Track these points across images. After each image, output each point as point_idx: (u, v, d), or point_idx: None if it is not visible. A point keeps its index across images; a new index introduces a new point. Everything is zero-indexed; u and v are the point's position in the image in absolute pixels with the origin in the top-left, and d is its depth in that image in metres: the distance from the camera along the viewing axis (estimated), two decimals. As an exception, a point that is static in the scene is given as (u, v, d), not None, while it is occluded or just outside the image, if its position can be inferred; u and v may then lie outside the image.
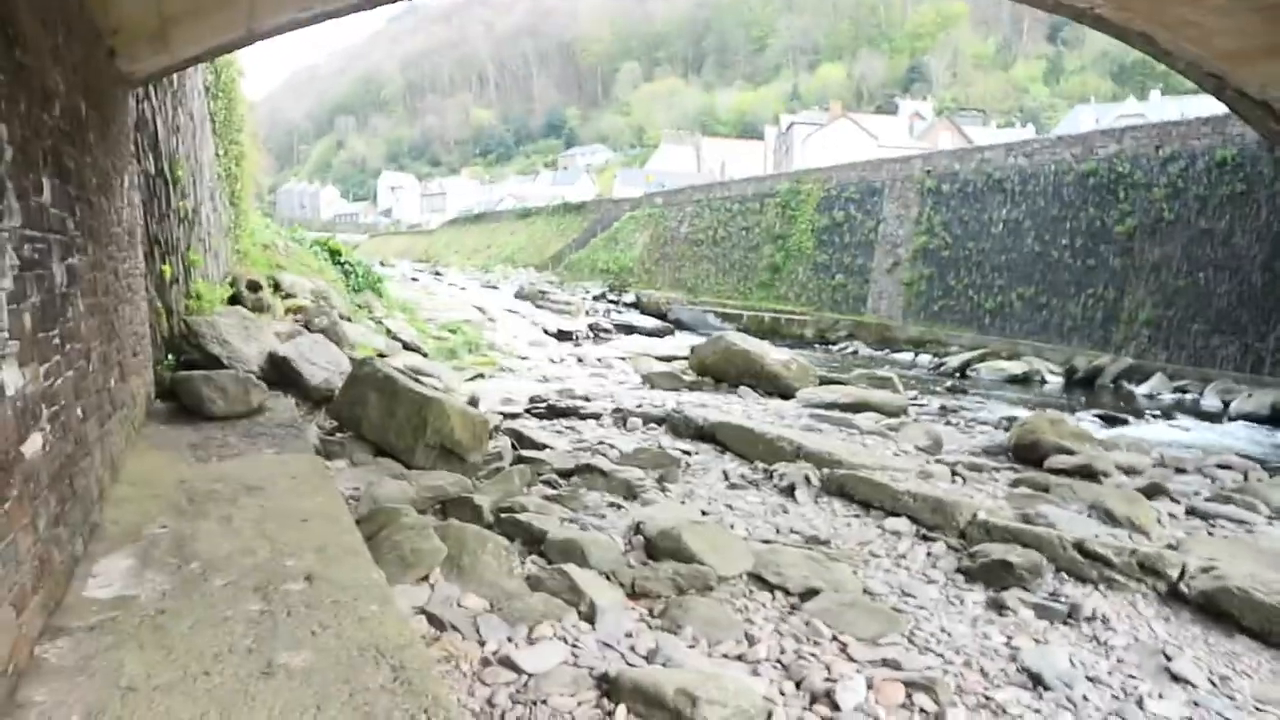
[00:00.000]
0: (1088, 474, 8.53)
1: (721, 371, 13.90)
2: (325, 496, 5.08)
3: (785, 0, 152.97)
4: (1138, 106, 78.11)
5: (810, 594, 5.28)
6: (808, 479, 7.69)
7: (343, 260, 17.35)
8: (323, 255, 17.07)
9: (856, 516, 7.02)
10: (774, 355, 13.78)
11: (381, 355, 12.94)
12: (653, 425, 10.14)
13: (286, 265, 14.90)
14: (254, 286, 12.01)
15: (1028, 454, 9.37)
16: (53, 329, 3.65)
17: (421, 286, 28.44)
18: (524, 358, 16.31)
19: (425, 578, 4.88)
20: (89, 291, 4.68)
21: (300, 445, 6.52)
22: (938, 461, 8.88)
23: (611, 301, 36.51)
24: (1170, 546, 6.24)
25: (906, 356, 25.14)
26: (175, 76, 9.46)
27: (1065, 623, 5.06)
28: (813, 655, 4.52)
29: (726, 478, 8.11)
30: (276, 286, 13.39)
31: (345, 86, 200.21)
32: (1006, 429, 11.90)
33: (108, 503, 4.69)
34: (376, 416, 7.45)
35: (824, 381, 13.97)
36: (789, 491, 7.63)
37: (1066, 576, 5.65)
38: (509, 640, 4.22)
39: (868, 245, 30.14)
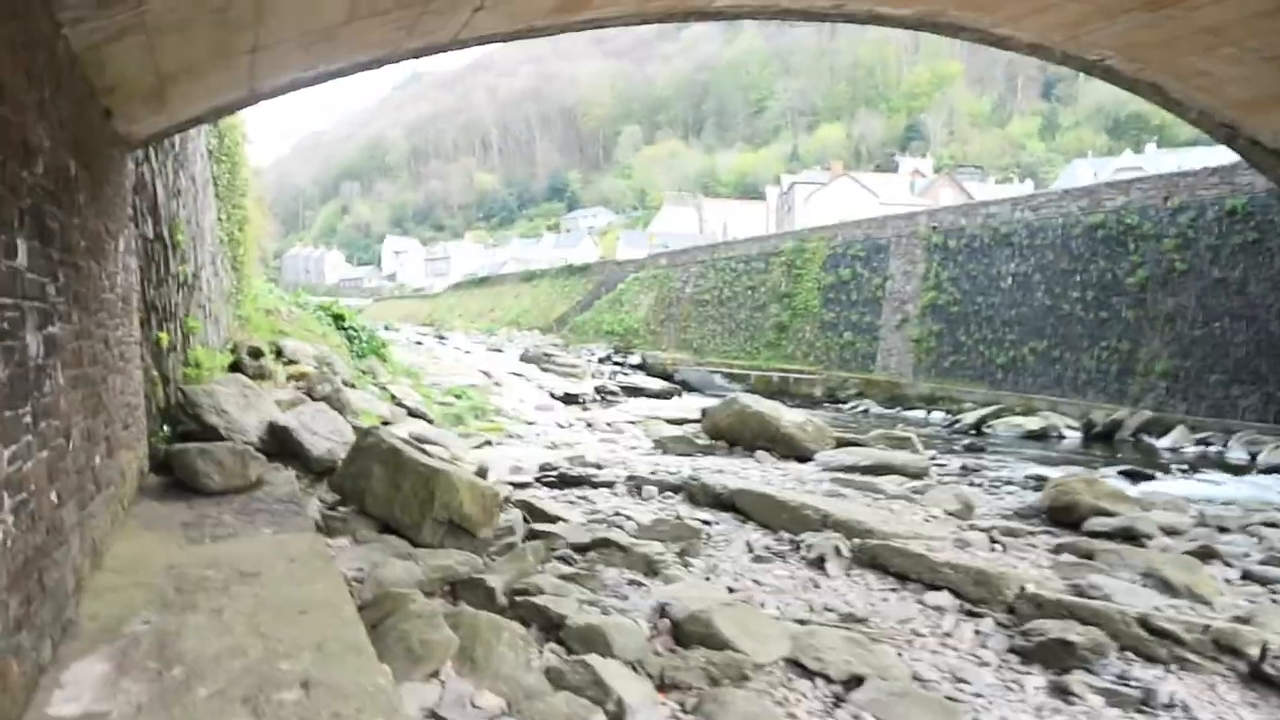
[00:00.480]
0: (1129, 537, 8.09)
1: (735, 434, 13.49)
2: (326, 582, 4.66)
3: (782, 63, 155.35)
4: (1134, 159, 78.75)
5: (854, 681, 4.83)
6: (838, 550, 7.25)
7: (347, 325, 17.07)
8: (326, 320, 16.79)
9: (893, 590, 6.56)
10: (789, 417, 13.38)
11: (386, 422, 12.56)
12: (669, 494, 9.71)
13: (289, 331, 14.60)
14: (255, 353, 11.68)
15: (1063, 516, 8.92)
16: (23, 406, 3.29)
17: (426, 350, 28.16)
18: (531, 423, 15.91)
19: (435, 673, 4.44)
20: (72, 362, 4.32)
21: (300, 523, 6.11)
22: (971, 527, 8.42)
23: (617, 363, 36.22)
24: (1239, 619, 5.76)
25: (919, 414, 24.72)
26: (177, 139, 9.24)
27: (1140, 710, 4.59)
28: (867, 757, 4.06)
29: (750, 549, 7.67)
30: (279, 353, 13.07)
31: (351, 152, 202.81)
32: (1035, 489, 11.47)
33: (86, 594, 4.28)
34: (381, 490, 7.04)
35: (841, 443, 13.54)
36: (818, 564, 7.19)
37: (1133, 656, 5.19)
38: (530, 750, 3.77)
39: (875, 302, 29.90)
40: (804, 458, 12.83)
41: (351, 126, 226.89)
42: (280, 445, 8.67)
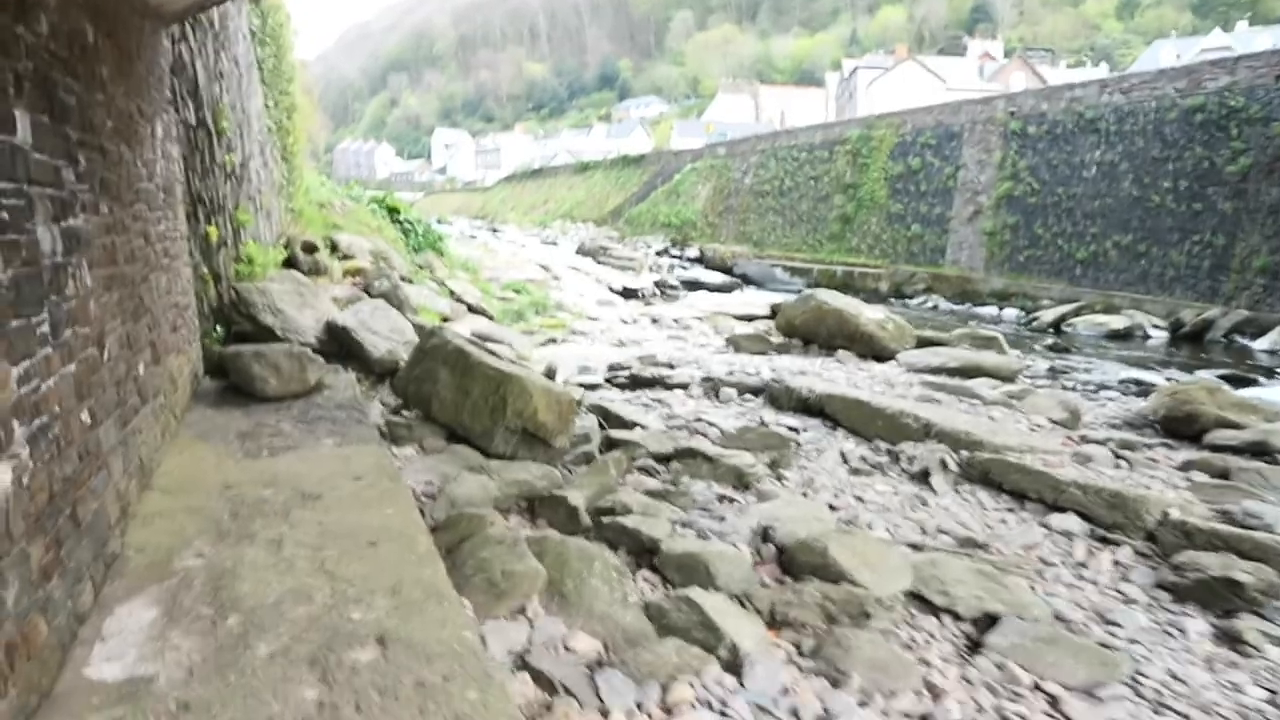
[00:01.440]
0: (1260, 452, 7.32)
1: (811, 332, 12.78)
2: (396, 506, 4.15)
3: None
4: (1223, 39, 73.75)
5: (987, 620, 4.26)
6: (944, 463, 6.61)
7: (402, 218, 16.46)
8: (381, 213, 16.18)
9: (1010, 511, 5.93)
10: (868, 314, 12.60)
11: (446, 319, 12.08)
12: (749, 396, 9.10)
13: (343, 225, 14.05)
14: (310, 248, 11.16)
15: (1181, 427, 8.15)
16: (36, 313, 2.73)
17: (481, 244, 27.58)
18: (594, 319, 15.32)
19: (521, 609, 3.95)
20: (104, 260, 3.76)
21: (364, 433, 5.61)
22: (1084, 439, 7.71)
23: (674, 256, 35.38)
24: None
25: (990, 310, 23.75)
26: (216, 17, 8.54)
27: (1331, 665, 3.96)
28: (1019, 717, 3.50)
29: (845, 460, 7.06)
30: (334, 247, 12.56)
31: (398, 42, 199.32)
32: (1138, 394, 10.67)
33: (134, 521, 3.82)
34: (448, 395, 6.52)
35: (922, 342, 12.77)
36: (922, 478, 6.57)
37: (1310, 599, 4.52)
38: (639, 709, 3.25)
39: (946, 193, 28.49)
40: (882, 357, 12.11)
41: (397, 15, 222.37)
42: (339, 346, 8.19)
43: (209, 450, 5.06)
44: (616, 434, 7.13)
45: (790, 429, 7.87)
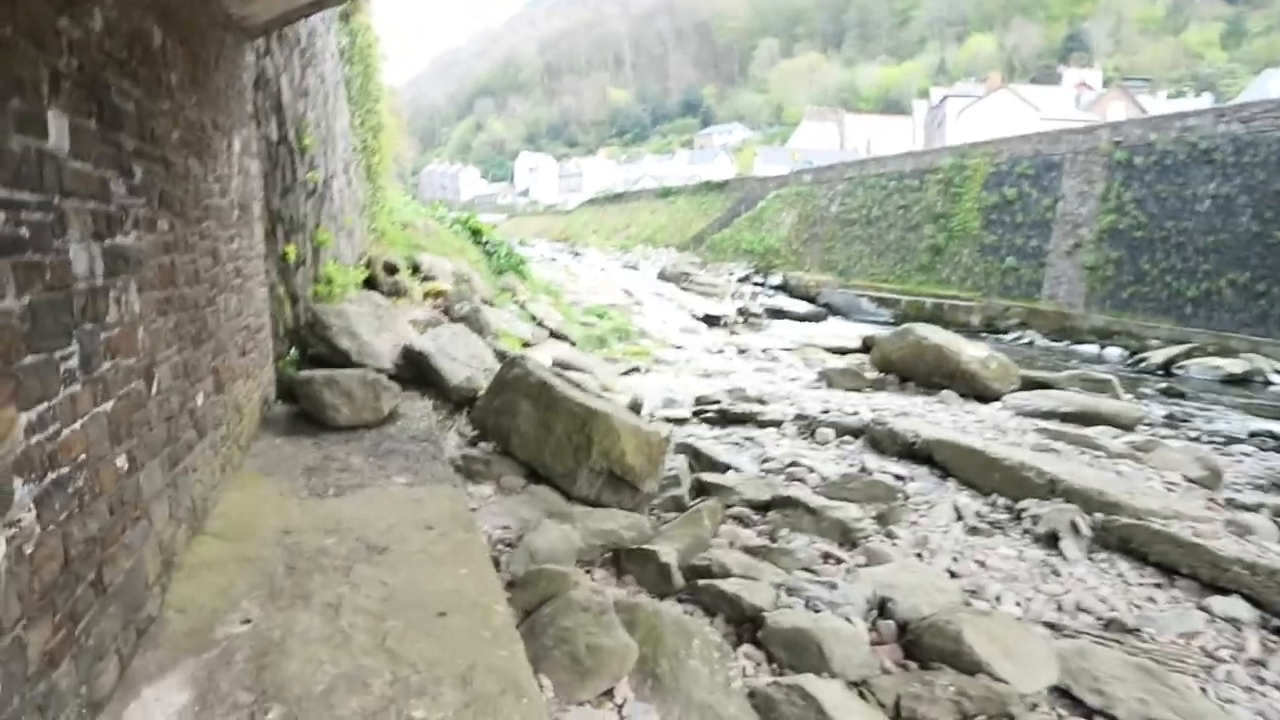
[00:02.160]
0: None
1: (909, 369, 12.06)
2: (470, 565, 3.66)
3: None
4: (1343, 70, 70.33)
5: (1153, 727, 3.58)
6: (1075, 526, 5.89)
7: (485, 240, 16.22)
8: (464, 235, 15.97)
9: (1158, 587, 5.20)
10: (970, 352, 11.84)
11: (527, 344, 11.70)
12: (848, 438, 8.47)
13: (426, 245, 13.83)
14: (391, 269, 10.90)
15: (1340, 490, 7.26)
16: (61, 346, 2.31)
17: (563, 267, 27.37)
18: (678, 347, 14.82)
19: (609, 692, 3.42)
20: (158, 282, 3.37)
21: (438, 470, 5.16)
22: (1230, 503, 6.88)
23: (757, 284, 34.76)
24: None
25: (1091, 349, 22.53)
26: (304, 33, 8.32)
27: None
28: None
29: (961, 517, 6.39)
30: (415, 268, 12.31)
31: (485, 69, 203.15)
32: (1277, 449, 9.71)
33: (179, 573, 3.40)
34: (529, 430, 6.06)
35: (1028, 383, 11.93)
36: (1050, 542, 5.86)
37: None
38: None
39: (1043, 225, 27.31)
40: (985, 397, 11.34)
41: (485, 43, 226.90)
42: (416, 371, 7.82)
43: (272, 487, 4.66)
44: (708, 478, 6.58)
45: (896, 477, 7.22)
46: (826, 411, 9.40)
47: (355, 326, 7.63)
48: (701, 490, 6.46)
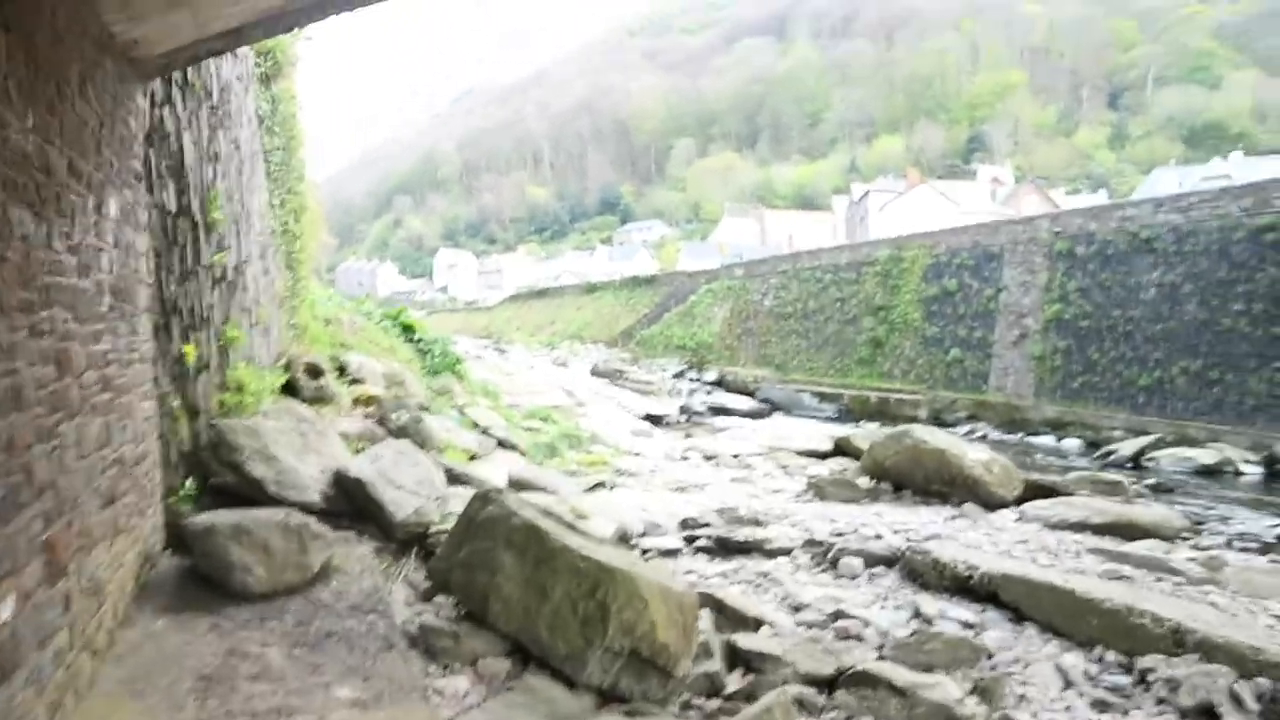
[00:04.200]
0: None
1: (905, 475, 10.75)
2: None
3: (839, 74, 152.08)
4: (1223, 167, 74.20)
5: None
6: (1235, 698, 4.49)
7: (418, 338, 14.60)
8: (395, 331, 14.34)
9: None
10: (973, 455, 10.63)
11: (474, 457, 10.07)
12: (878, 569, 7.00)
13: (353, 344, 12.17)
14: (314, 372, 9.23)
15: None
16: None
17: (493, 365, 25.70)
18: (636, 454, 13.30)
19: None
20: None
21: (398, 672, 3.54)
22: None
23: (693, 380, 33.61)
24: None
25: (1046, 441, 21.77)
26: (215, 89, 6.82)
27: None
28: None
29: (1068, 682, 4.94)
30: (342, 370, 10.64)
31: (404, 167, 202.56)
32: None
33: None
34: (514, 593, 4.45)
35: (1032, 488, 10.72)
36: (1203, 718, 4.45)
37: None
38: None
39: (987, 315, 26.86)
40: (989, 505, 10.09)
41: (406, 141, 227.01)
42: (350, 503, 6.15)
43: None
44: (743, 641, 5.03)
45: (964, 625, 5.77)
46: (840, 534, 7.95)
47: (273, 447, 5.96)
48: (737, 660, 4.90)
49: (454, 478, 7.67)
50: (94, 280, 3.58)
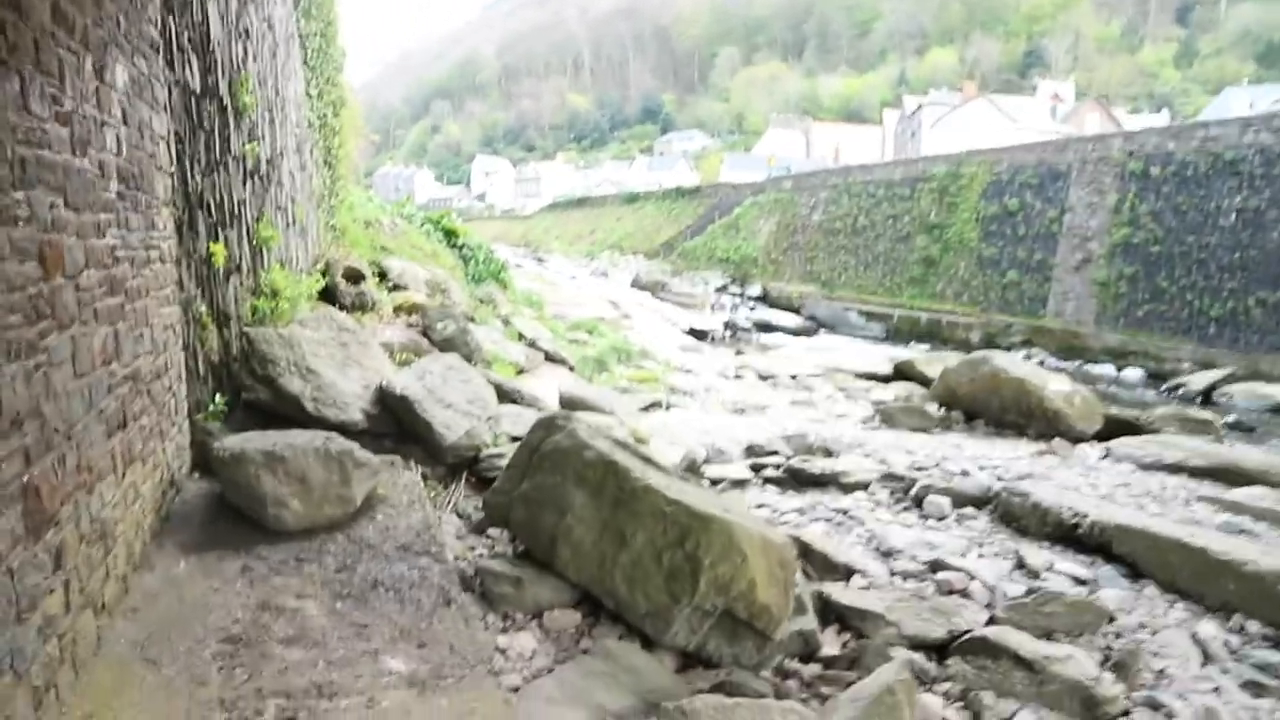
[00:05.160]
0: None
1: (980, 405, 10.06)
2: None
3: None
4: (1304, 87, 70.46)
5: None
6: None
7: (460, 243, 13.93)
8: (436, 236, 13.67)
9: None
10: (1054, 386, 9.88)
11: (521, 371, 9.51)
12: (967, 509, 6.37)
13: (394, 248, 11.56)
14: (354, 277, 8.63)
15: None
16: None
17: (534, 274, 25.07)
18: (687, 371, 12.67)
19: None
20: None
21: (462, 639, 2.98)
22: None
23: (735, 294, 32.81)
24: None
25: (1105, 370, 20.82)
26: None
27: None
28: None
29: (1208, 656, 4.32)
30: (382, 276, 10.05)
31: (442, 71, 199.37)
32: None
33: None
34: (586, 538, 3.87)
35: (1112, 423, 9.98)
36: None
37: None
38: None
39: (1049, 238, 25.65)
40: (1069, 440, 9.39)
41: (443, 45, 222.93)
42: (395, 424, 5.59)
43: (153, 702, 2.43)
44: (836, 594, 4.43)
45: (1076, 581, 5.14)
46: (920, 468, 7.31)
47: (310, 359, 5.38)
48: (830, 616, 4.32)
49: (503, 394, 7.09)
50: (94, 160, 2.93)
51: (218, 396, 4.95)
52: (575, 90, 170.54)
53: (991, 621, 4.40)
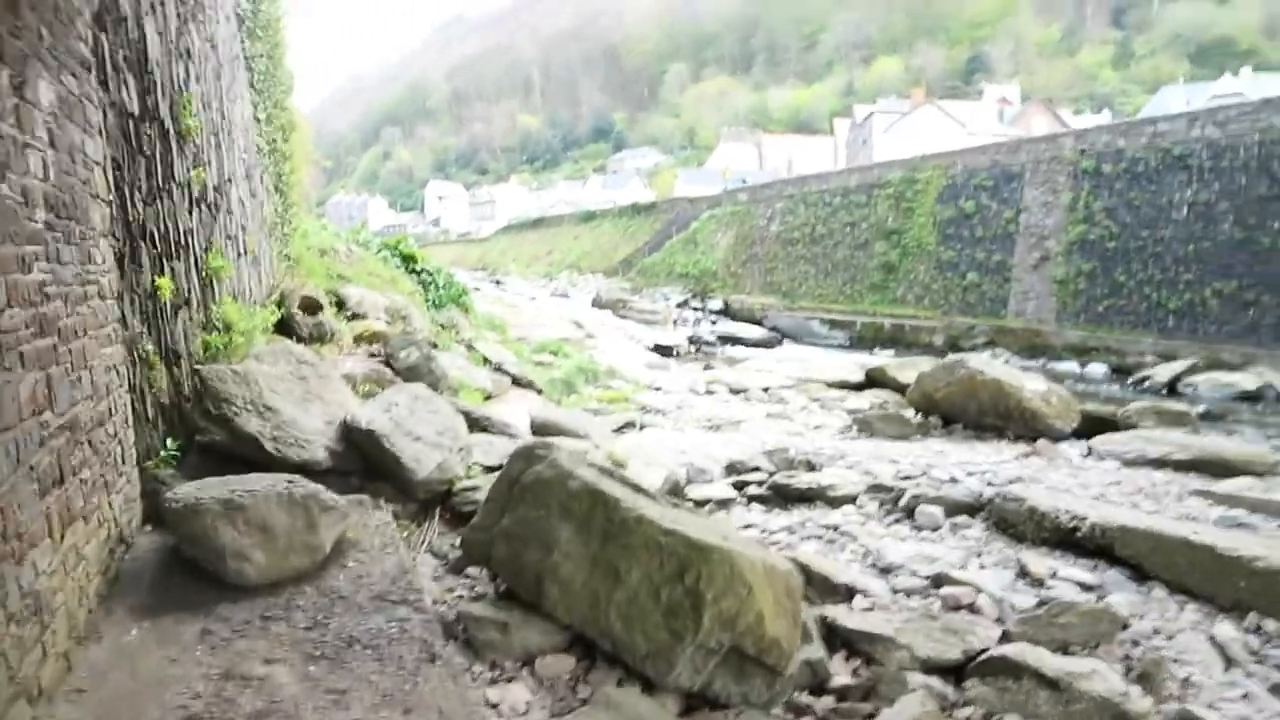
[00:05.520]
0: None
1: (957, 409, 9.92)
2: None
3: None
4: (1233, 84, 72.21)
5: None
6: None
7: (420, 269, 13.58)
8: (394, 262, 13.32)
9: None
10: (1031, 386, 9.78)
11: (489, 397, 9.20)
12: (960, 517, 6.16)
13: (351, 276, 11.20)
14: (311, 307, 8.29)
15: None
16: None
17: (494, 297, 24.71)
18: (657, 388, 12.42)
19: None
20: None
21: (446, 695, 2.68)
22: None
23: (696, 309, 32.66)
24: None
25: (1069, 367, 20.87)
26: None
27: None
28: None
29: (1229, 660, 4.14)
30: (340, 305, 9.70)
31: (392, 96, 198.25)
32: None
33: None
34: (577, 576, 3.59)
35: (1089, 420, 9.90)
36: None
37: None
38: None
39: (1006, 238, 25.81)
40: (1048, 439, 9.28)
41: (392, 70, 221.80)
42: (362, 459, 5.27)
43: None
44: (844, 619, 4.19)
45: (1082, 587, 4.95)
46: (907, 477, 7.10)
47: (268, 395, 5.05)
48: (837, 641, 4.08)
49: (473, 423, 6.78)
50: (15, 185, 2.63)
51: (169, 441, 4.61)
52: (526, 112, 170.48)
53: (1005, 638, 4.18)
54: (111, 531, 3.52)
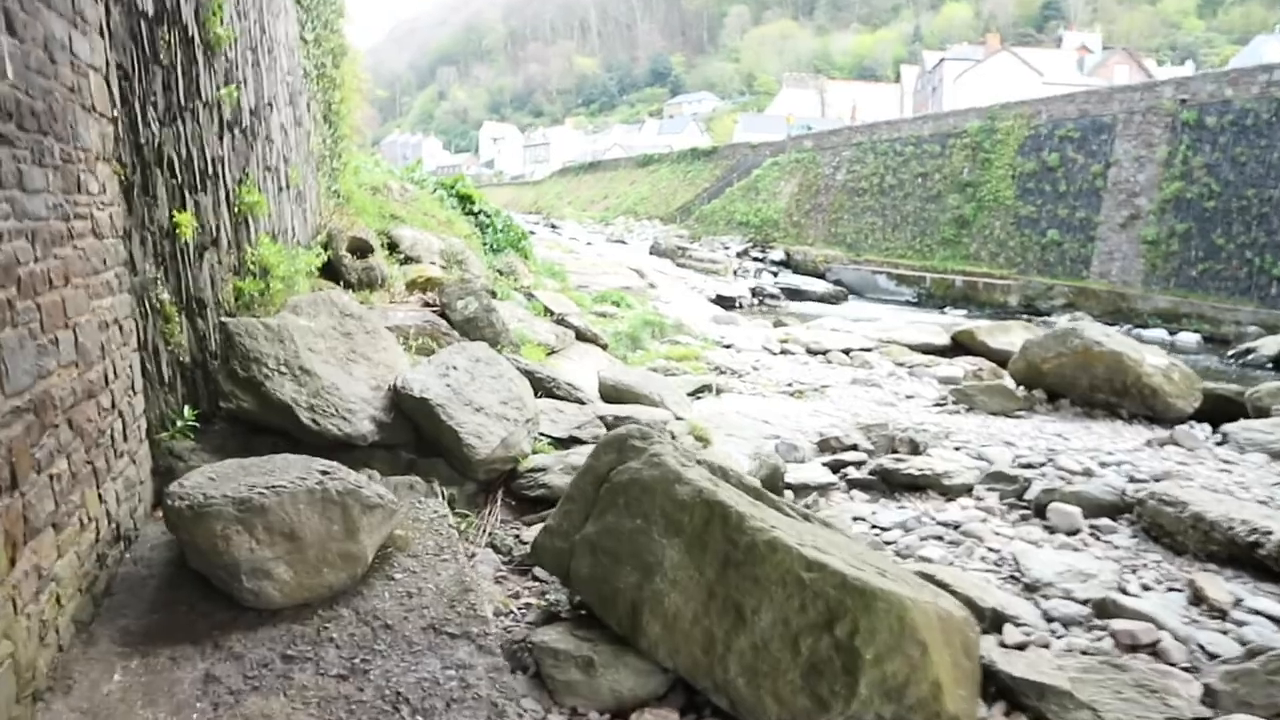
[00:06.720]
0: None
1: (1066, 382, 8.93)
2: None
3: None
4: (1338, 36, 68.11)
5: None
6: None
7: (477, 210, 12.77)
8: (450, 203, 12.52)
9: None
10: (1152, 361, 8.74)
11: (552, 352, 8.42)
12: (1101, 520, 5.26)
13: (405, 217, 10.44)
14: (361, 249, 7.53)
15: None
16: None
17: (553, 242, 23.92)
18: (727, 345, 11.55)
19: None
20: None
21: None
22: None
23: (756, 259, 31.59)
24: None
25: (1157, 335, 19.54)
26: None
27: None
28: None
29: None
30: (393, 248, 8.95)
31: (447, 36, 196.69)
32: None
33: None
34: (686, 610, 2.79)
35: (1212, 398, 8.84)
36: None
37: None
38: None
39: (1092, 194, 24.30)
40: (1164, 420, 8.30)
41: (447, 10, 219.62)
42: (413, 430, 4.52)
43: None
44: (1005, 663, 3.33)
45: (1274, 621, 4.05)
46: (1028, 464, 6.21)
47: (305, 355, 4.29)
48: (991, 688, 3.24)
49: (538, 385, 6.01)
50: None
51: (187, 409, 3.88)
52: (582, 54, 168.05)
53: (1209, 696, 3.32)
54: (101, 533, 2.79)
